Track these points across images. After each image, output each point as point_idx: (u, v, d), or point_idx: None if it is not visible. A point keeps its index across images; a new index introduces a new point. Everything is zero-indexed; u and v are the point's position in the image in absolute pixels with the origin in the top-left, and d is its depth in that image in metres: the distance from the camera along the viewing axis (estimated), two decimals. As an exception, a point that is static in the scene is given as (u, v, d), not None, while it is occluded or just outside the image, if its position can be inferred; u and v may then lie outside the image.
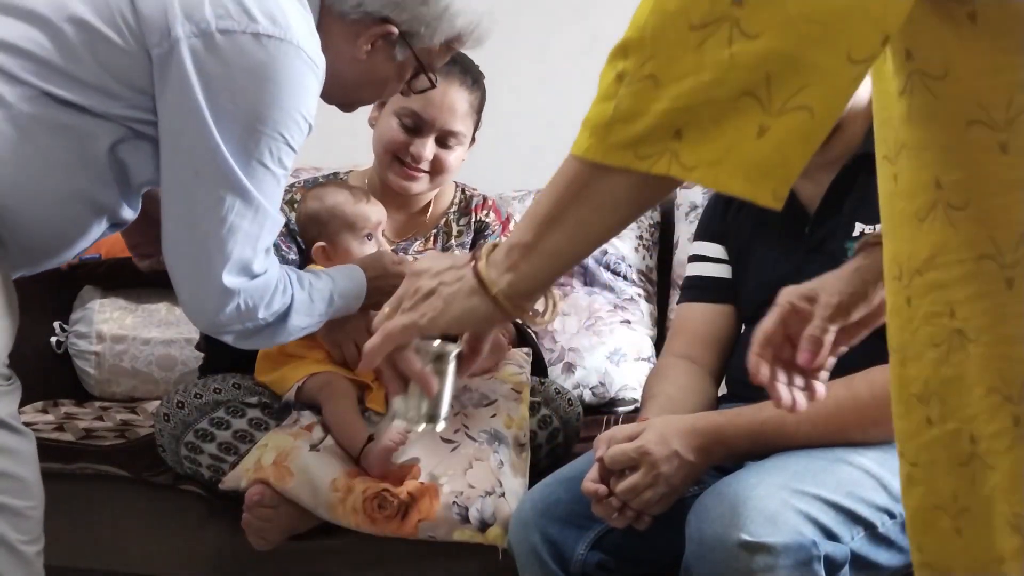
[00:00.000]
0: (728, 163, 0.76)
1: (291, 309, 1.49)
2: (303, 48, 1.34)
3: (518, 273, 0.89)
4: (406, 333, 0.96)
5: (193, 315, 1.45)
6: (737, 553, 1.25)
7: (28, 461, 1.37)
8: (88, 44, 1.30)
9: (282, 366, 1.82)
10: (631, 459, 1.38)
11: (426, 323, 0.95)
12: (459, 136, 1.96)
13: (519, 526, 1.51)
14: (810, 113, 0.74)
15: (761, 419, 1.42)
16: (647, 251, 2.45)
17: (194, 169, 1.34)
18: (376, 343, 0.97)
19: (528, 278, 0.89)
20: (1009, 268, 0.78)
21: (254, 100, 1.32)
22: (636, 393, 2.26)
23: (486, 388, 1.77)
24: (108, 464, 1.93)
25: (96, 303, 2.38)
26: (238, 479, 1.68)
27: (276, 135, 1.35)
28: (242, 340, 1.50)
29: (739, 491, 1.30)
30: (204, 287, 1.39)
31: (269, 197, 1.39)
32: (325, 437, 1.70)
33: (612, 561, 1.49)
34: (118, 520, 1.95)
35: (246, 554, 1.76)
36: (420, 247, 2.05)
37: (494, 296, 0.90)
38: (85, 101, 1.31)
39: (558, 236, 0.86)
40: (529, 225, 0.87)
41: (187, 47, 1.30)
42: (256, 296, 1.42)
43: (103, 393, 2.39)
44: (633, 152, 0.78)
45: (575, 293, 2.38)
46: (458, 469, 1.64)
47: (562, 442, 1.85)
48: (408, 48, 1.51)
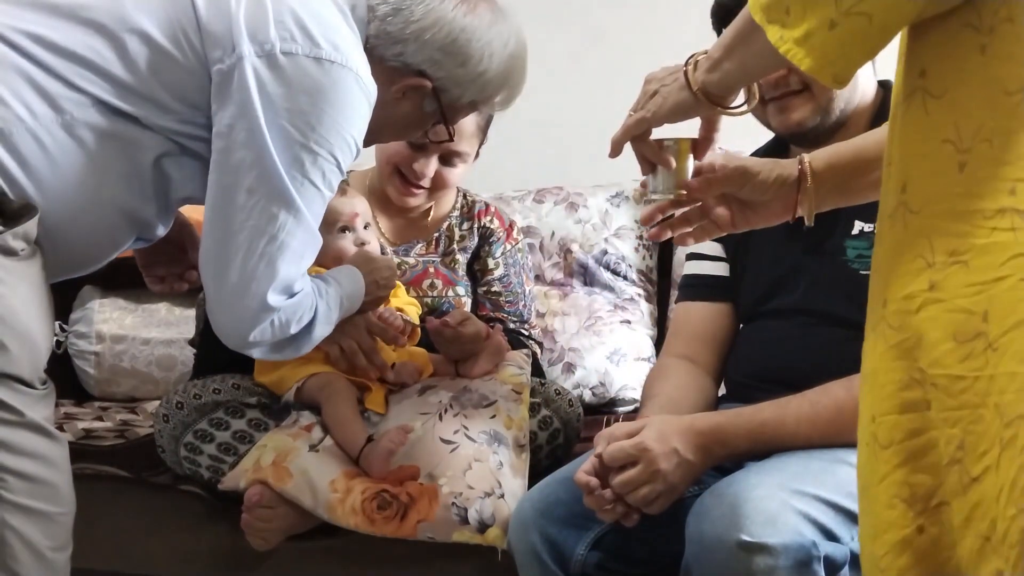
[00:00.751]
0: (806, 45, 0.93)
1: (315, 320, 1.49)
2: (361, 76, 1.38)
3: (709, 77, 1.15)
4: (639, 125, 1.24)
5: (225, 331, 1.43)
6: (737, 554, 1.25)
7: (61, 467, 1.37)
8: (147, 57, 1.32)
9: (281, 367, 1.81)
10: (629, 456, 1.39)
11: (651, 116, 1.22)
12: (463, 156, 1.97)
13: (518, 527, 1.51)
14: (868, 20, 0.89)
15: (760, 419, 1.43)
16: (647, 251, 2.45)
17: (247, 186, 1.35)
18: (618, 135, 1.26)
19: (715, 83, 1.15)
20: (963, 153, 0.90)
21: (312, 121, 1.34)
22: (636, 393, 2.26)
23: (486, 389, 1.77)
24: (108, 464, 1.93)
25: (96, 303, 2.39)
26: (237, 479, 1.68)
27: (328, 156, 1.37)
28: (269, 354, 1.50)
29: (739, 492, 1.30)
30: (245, 305, 1.38)
31: (315, 216, 1.41)
32: (324, 438, 1.70)
33: (612, 561, 1.49)
34: (118, 520, 1.95)
35: (245, 554, 1.76)
36: (422, 251, 2.04)
37: (695, 92, 1.16)
38: (138, 111, 1.33)
39: (731, 64, 1.11)
40: (720, 45, 1.12)
41: (250, 65, 1.32)
42: (291, 312, 1.43)
43: (103, 393, 2.39)
44: (765, 15, 0.97)
45: (575, 293, 2.38)
46: (457, 470, 1.64)
47: (562, 443, 1.84)
48: (437, 103, 1.54)
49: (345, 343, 1.75)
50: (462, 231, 2.06)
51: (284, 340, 1.46)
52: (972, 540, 0.82)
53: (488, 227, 2.07)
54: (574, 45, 2.70)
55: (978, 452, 0.82)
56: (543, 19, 2.79)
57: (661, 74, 1.23)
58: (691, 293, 1.76)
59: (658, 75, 1.23)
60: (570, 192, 2.49)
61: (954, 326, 0.84)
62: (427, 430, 1.69)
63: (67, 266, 1.40)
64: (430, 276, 2.01)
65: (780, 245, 1.61)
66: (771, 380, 1.53)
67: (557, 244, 2.44)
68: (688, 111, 1.20)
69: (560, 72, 2.74)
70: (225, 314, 1.41)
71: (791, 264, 1.60)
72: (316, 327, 1.50)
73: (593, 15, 2.74)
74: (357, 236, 1.85)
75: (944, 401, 0.85)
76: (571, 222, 2.45)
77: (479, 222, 2.07)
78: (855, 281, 1.49)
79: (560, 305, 2.36)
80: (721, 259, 1.73)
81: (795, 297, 1.60)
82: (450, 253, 2.04)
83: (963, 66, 0.87)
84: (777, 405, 1.45)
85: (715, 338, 1.70)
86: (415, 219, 2.05)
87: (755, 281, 1.66)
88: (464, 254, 2.05)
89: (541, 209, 2.48)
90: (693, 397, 1.60)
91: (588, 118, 2.73)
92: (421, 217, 2.05)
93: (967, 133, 0.86)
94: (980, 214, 0.84)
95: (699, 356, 1.69)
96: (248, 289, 1.37)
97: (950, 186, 0.87)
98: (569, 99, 2.74)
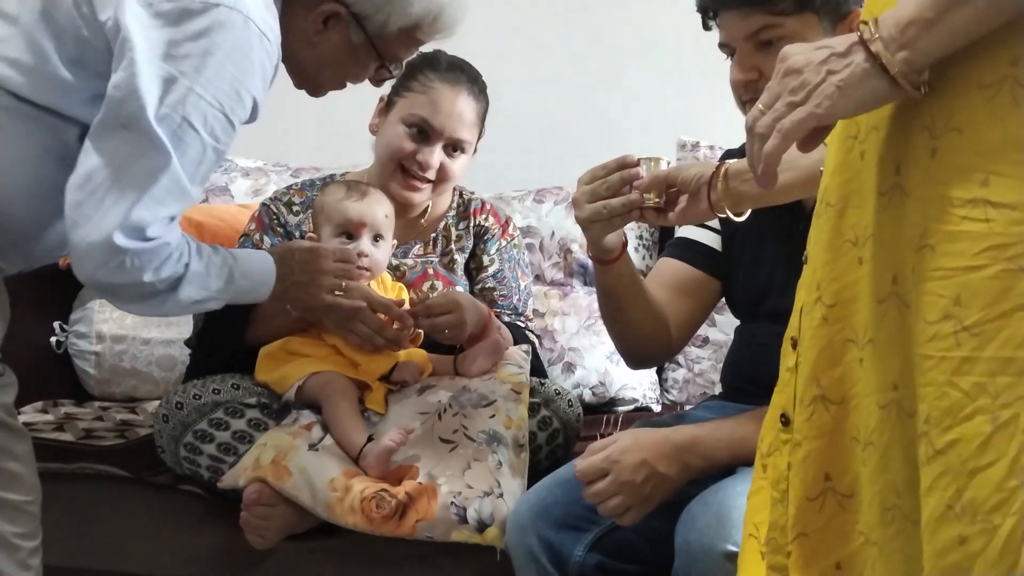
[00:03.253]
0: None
1: (183, 279, 1.43)
2: (252, 19, 1.34)
3: (914, 49, 0.86)
4: (804, 125, 0.93)
5: (76, 264, 1.39)
6: (723, 564, 1.25)
7: (23, 457, 1.37)
8: (55, 38, 1.32)
9: (284, 364, 1.81)
10: (600, 469, 1.41)
11: (824, 111, 0.91)
12: (465, 145, 1.96)
13: (516, 529, 1.51)
14: None
15: (741, 433, 1.43)
16: (647, 251, 2.45)
17: (121, 122, 1.33)
18: (776, 143, 0.94)
19: (925, 54, 0.86)
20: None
21: (195, 63, 1.32)
22: (636, 393, 2.27)
23: (485, 389, 1.77)
24: (108, 464, 1.93)
25: (96, 303, 2.38)
26: (236, 478, 1.68)
27: (212, 101, 1.33)
28: (127, 303, 1.46)
29: (724, 500, 1.30)
30: (92, 240, 1.34)
31: (189, 166, 1.36)
32: (324, 436, 1.70)
33: (610, 563, 1.49)
34: (118, 520, 1.95)
35: (245, 554, 1.76)
36: (420, 252, 2.04)
37: (894, 76, 0.88)
38: (54, 101, 1.33)
39: (968, 13, 0.84)
40: (930, 2, 0.85)
41: (129, 11, 1.30)
42: (144, 258, 1.37)
43: (103, 393, 2.39)
44: None
45: (575, 293, 2.38)
46: (456, 469, 1.64)
47: (562, 443, 1.85)
48: (363, 32, 1.50)
49: (356, 328, 1.75)
50: (459, 231, 2.06)
51: (143, 292, 1.40)
52: (934, 507, 0.84)
53: (483, 225, 2.07)
54: (574, 45, 2.71)
55: (943, 426, 0.83)
56: (543, 19, 2.80)
57: (816, 57, 0.92)
58: (676, 252, 1.74)
59: (811, 59, 0.92)
60: (570, 192, 2.49)
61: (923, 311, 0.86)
62: (426, 430, 1.69)
63: (32, 253, 1.40)
64: (430, 278, 2.01)
65: (777, 245, 1.61)
66: (765, 385, 1.52)
67: (557, 244, 2.45)
68: (881, 102, 0.91)
69: (560, 72, 2.75)
70: (75, 245, 1.36)
71: (784, 266, 1.60)
72: (185, 286, 1.44)
73: (593, 15, 2.74)
74: (357, 246, 1.81)
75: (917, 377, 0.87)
76: (571, 222, 2.45)
77: (474, 220, 2.07)
78: None
79: (560, 305, 2.36)
80: (716, 231, 1.71)
81: (783, 300, 1.59)
82: (448, 253, 2.04)
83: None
84: (758, 417, 1.45)
85: (686, 295, 1.68)
86: (412, 220, 2.04)
87: (750, 280, 1.66)
88: (462, 254, 2.04)
89: (541, 209, 2.49)
90: (656, 310, 1.62)
91: (588, 118, 2.74)
92: (417, 218, 2.05)
93: (940, 121, 0.86)
94: (948, 201, 0.85)
95: (667, 303, 1.66)
96: (95, 222, 1.33)
97: (925, 172, 0.88)
98: (569, 99, 2.74)
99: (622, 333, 1.67)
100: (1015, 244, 0.81)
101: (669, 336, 1.66)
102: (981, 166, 0.84)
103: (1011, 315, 0.81)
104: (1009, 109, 0.83)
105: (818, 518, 0.96)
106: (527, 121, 2.77)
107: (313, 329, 1.84)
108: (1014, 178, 0.82)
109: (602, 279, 1.60)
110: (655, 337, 1.65)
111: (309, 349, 1.83)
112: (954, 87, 0.86)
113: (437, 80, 1.94)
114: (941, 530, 0.83)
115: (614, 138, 2.47)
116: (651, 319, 1.63)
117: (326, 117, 2.68)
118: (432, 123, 1.91)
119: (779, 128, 0.93)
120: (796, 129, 0.93)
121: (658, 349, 1.70)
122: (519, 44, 2.79)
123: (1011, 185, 0.82)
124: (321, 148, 2.74)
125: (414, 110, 1.92)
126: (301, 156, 2.73)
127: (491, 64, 2.05)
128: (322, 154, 2.68)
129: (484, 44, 2.76)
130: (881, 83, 0.88)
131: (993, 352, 0.82)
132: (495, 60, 2.78)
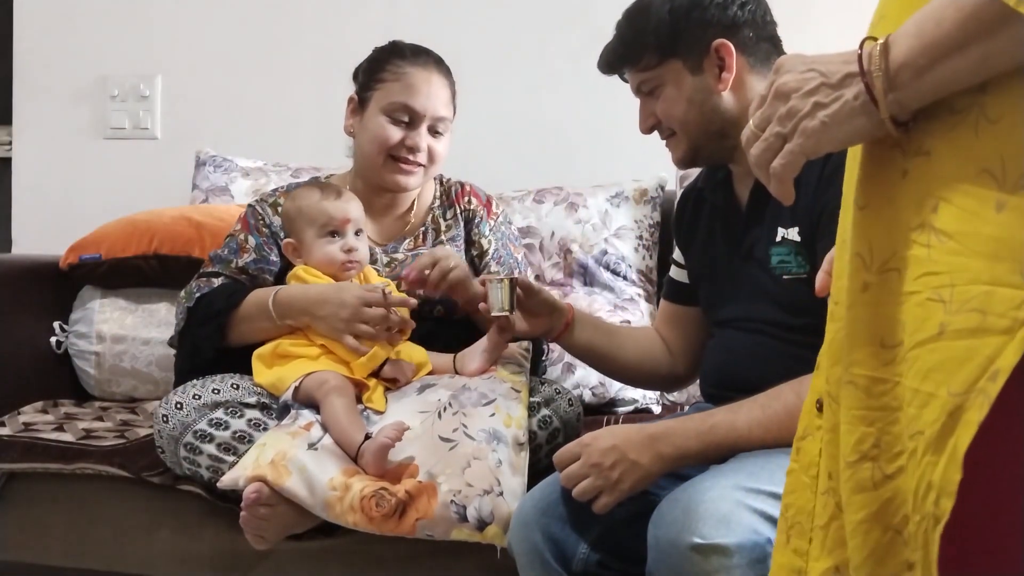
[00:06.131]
0: None
1: None
2: None
3: (906, 92, 0.85)
4: (795, 163, 0.92)
5: None
6: (691, 556, 1.26)
7: None
8: None
9: (278, 367, 1.82)
10: (574, 454, 1.47)
11: (810, 149, 0.91)
12: (446, 122, 2.00)
13: (520, 526, 1.51)
14: None
15: (711, 422, 1.47)
16: (647, 251, 2.45)
17: None
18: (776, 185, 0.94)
19: (915, 99, 0.85)
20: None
21: None
22: (636, 393, 2.26)
23: (485, 387, 1.77)
24: (108, 464, 1.93)
25: (96, 303, 2.38)
26: (236, 478, 1.68)
27: None
28: None
29: (692, 495, 1.31)
30: None
31: None
32: (323, 436, 1.70)
33: (614, 560, 1.49)
34: (118, 520, 1.95)
35: (245, 554, 1.76)
36: (410, 246, 2.05)
37: (882, 118, 0.86)
38: None
39: (959, 64, 0.82)
40: (922, 49, 0.83)
41: None
42: None
43: (103, 393, 2.39)
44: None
45: (575, 293, 2.38)
46: (456, 468, 1.64)
47: (562, 442, 1.83)
48: None
49: (359, 330, 1.77)
50: (447, 220, 2.08)
51: None
52: (880, 533, 0.85)
53: (469, 208, 2.10)
54: (574, 45, 2.70)
55: (893, 452, 0.84)
56: (543, 19, 2.80)
57: (807, 86, 0.90)
58: (664, 292, 1.92)
59: (790, 84, 0.91)
60: (570, 192, 2.49)
61: (881, 331, 0.86)
62: (426, 428, 1.69)
63: None
64: None
65: (723, 252, 1.67)
66: (732, 388, 1.55)
67: (557, 244, 2.45)
68: (863, 140, 0.90)
69: (560, 72, 2.75)
70: None
71: (731, 273, 1.65)
72: None
73: (593, 15, 2.74)
74: (346, 243, 1.86)
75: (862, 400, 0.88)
76: (571, 222, 2.45)
77: (459, 206, 2.10)
78: (781, 286, 1.54)
79: (560, 305, 2.36)
80: (681, 266, 1.84)
81: (736, 306, 1.64)
82: (439, 244, 2.05)
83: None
84: (729, 409, 1.48)
85: (676, 326, 1.85)
86: (400, 216, 2.06)
87: (708, 291, 1.74)
88: (453, 244, 2.05)
89: (541, 209, 2.49)
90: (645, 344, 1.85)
91: (588, 118, 2.74)
92: (405, 213, 2.06)
93: (912, 143, 0.86)
94: (906, 225, 0.85)
95: (666, 335, 1.87)
96: None
97: (897, 192, 0.87)
98: (569, 99, 2.74)
99: (612, 376, 1.97)
100: (943, 273, 0.81)
101: (672, 365, 1.86)
102: (935, 192, 0.83)
103: (923, 345, 0.81)
104: (969, 139, 0.82)
105: (823, 514, 0.97)
106: (527, 121, 2.78)
107: (300, 331, 1.86)
108: (958, 207, 0.81)
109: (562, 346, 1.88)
110: (655, 371, 1.87)
111: (301, 350, 1.83)
112: (928, 109, 0.85)
113: (407, 65, 1.97)
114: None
115: (614, 138, 2.47)
116: (634, 360, 1.85)
117: (326, 117, 2.68)
118: (414, 106, 1.94)
119: (772, 172, 0.93)
120: (786, 171, 0.93)
121: (662, 379, 1.92)
122: (519, 45, 2.79)
123: (954, 214, 0.81)
124: (321, 148, 2.74)
125: (393, 98, 1.94)
126: (301, 156, 2.73)
127: (491, 64, 2.05)
128: (322, 154, 2.68)
129: (484, 44, 2.77)
130: (867, 122, 0.87)
131: (908, 382, 0.83)
132: (495, 60, 2.79)
